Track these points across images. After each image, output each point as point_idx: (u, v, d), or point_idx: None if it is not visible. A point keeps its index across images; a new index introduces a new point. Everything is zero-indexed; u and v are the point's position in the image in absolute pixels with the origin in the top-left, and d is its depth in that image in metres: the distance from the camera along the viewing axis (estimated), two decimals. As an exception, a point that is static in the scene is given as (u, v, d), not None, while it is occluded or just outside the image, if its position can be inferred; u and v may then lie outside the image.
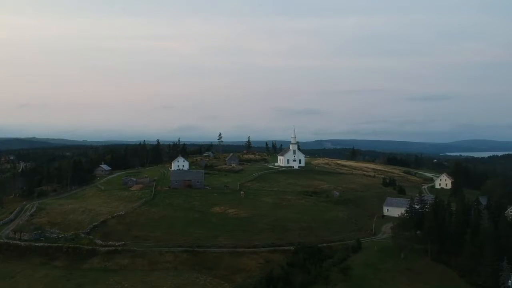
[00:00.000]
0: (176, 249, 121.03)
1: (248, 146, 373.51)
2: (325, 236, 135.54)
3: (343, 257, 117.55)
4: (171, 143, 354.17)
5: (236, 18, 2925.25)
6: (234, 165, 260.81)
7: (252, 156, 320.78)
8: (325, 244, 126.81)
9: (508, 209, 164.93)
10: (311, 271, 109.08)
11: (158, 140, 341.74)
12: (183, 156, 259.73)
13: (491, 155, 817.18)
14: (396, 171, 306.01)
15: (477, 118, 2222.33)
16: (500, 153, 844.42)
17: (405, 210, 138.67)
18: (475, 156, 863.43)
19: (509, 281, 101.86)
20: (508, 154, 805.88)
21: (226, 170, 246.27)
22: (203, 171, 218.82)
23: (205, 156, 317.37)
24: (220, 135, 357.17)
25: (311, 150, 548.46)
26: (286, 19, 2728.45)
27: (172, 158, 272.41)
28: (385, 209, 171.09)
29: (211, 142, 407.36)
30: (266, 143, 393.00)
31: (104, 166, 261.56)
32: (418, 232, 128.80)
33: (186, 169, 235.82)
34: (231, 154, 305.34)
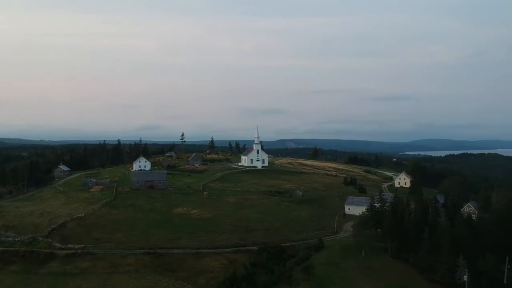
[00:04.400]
0: (137, 251, 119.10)
1: (211, 146, 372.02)
2: (289, 236, 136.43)
3: (305, 256, 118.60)
4: (132, 143, 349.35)
5: (199, 15, 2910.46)
6: (197, 165, 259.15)
7: (215, 156, 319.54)
8: (288, 244, 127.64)
9: (464, 207, 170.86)
10: (275, 271, 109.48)
11: (118, 140, 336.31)
12: (144, 156, 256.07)
13: (448, 154, 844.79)
14: (357, 170, 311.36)
15: (436, 118, 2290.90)
16: (456, 152, 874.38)
17: (365, 209, 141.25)
18: (433, 155, 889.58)
19: (465, 276, 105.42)
20: (464, 153, 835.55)
21: (189, 170, 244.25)
22: (165, 171, 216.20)
23: (168, 156, 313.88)
24: (183, 134, 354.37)
25: (274, 149, 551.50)
26: (250, 19, 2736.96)
27: (133, 158, 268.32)
28: (346, 208, 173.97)
29: (174, 141, 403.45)
30: (230, 142, 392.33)
31: (63, 167, 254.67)
32: (378, 230, 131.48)
33: (148, 169, 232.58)
34: (194, 154, 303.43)
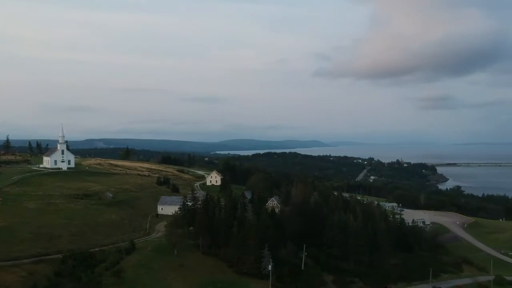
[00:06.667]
0: None
1: (6, 146, 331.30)
2: (98, 240, 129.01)
3: (116, 260, 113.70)
4: None
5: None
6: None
7: (12, 157, 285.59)
8: (97, 249, 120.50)
9: (269, 201, 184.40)
10: (82, 278, 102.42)
11: None
12: None
13: (255, 153, 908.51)
14: (170, 170, 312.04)
15: (244, 120, 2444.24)
16: (262, 151, 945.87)
17: (178, 208, 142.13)
18: (241, 154, 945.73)
19: (269, 266, 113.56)
20: (268, 152, 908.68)
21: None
22: None
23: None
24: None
25: (81, 150, 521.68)
26: (55, 8, 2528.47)
27: None
28: (159, 208, 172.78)
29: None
30: (30, 142, 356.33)
31: None
32: (191, 228, 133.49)
33: None
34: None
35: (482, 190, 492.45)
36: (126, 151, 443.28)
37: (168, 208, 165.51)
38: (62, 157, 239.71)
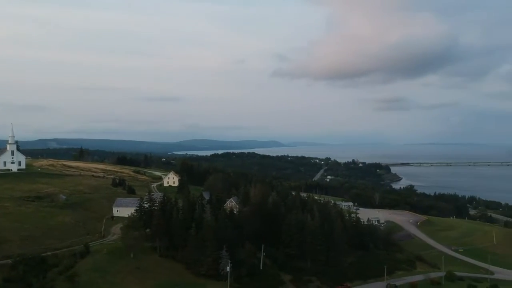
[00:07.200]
0: None
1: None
2: (51, 244, 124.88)
3: (70, 264, 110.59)
4: None
5: None
6: None
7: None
8: (50, 253, 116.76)
9: (227, 202, 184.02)
10: (33, 284, 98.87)
11: None
12: None
13: (213, 153, 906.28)
14: (126, 171, 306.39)
15: (202, 120, 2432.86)
16: (220, 152, 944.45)
17: (135, 210, 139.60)
18: (199, 154, 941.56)
19: (227, 267, 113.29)
20: (227, 153, 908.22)
21: None
22: None
23: None
24: None
25: (33, 150, 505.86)
26: (3, 3, 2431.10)
27: None
28: (114, 210, 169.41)
29: None
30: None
31: None
32: (148, 230, 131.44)
33: None
34: None
35: (434, 189, 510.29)
36: (80, 151, 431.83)
37: (124, 210, 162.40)
38: (12, 158, 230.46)
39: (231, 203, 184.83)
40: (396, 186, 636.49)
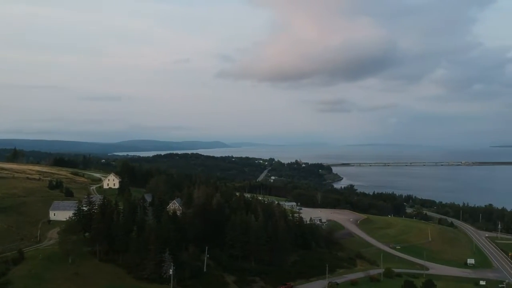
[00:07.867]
0: None
1: None
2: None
3: (2, 271, 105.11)
4: None
5: None
6: None
7: None
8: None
9: (170, 204, 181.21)
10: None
11: None
12: None
13: (156, 154, 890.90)
14: (63, 173, 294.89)
15: (144, 120, 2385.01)
16: (163, 152, 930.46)
17: (73, 213, 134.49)
18: (141, 155, 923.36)
19: (170, 270, 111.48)
20: (170, 153, 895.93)
21: None
22: None
23: None
24: None
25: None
26: None
27: None
28: (51, 213, 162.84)
29: None
30: None
31: None
32: (87, 234, 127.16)
33: None
34: None
35: (373, 188, 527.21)
36: (13, 152, 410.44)
37: (61, 214, 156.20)
38: None
39: (174, 205, 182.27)
40: (337, 185, 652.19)
